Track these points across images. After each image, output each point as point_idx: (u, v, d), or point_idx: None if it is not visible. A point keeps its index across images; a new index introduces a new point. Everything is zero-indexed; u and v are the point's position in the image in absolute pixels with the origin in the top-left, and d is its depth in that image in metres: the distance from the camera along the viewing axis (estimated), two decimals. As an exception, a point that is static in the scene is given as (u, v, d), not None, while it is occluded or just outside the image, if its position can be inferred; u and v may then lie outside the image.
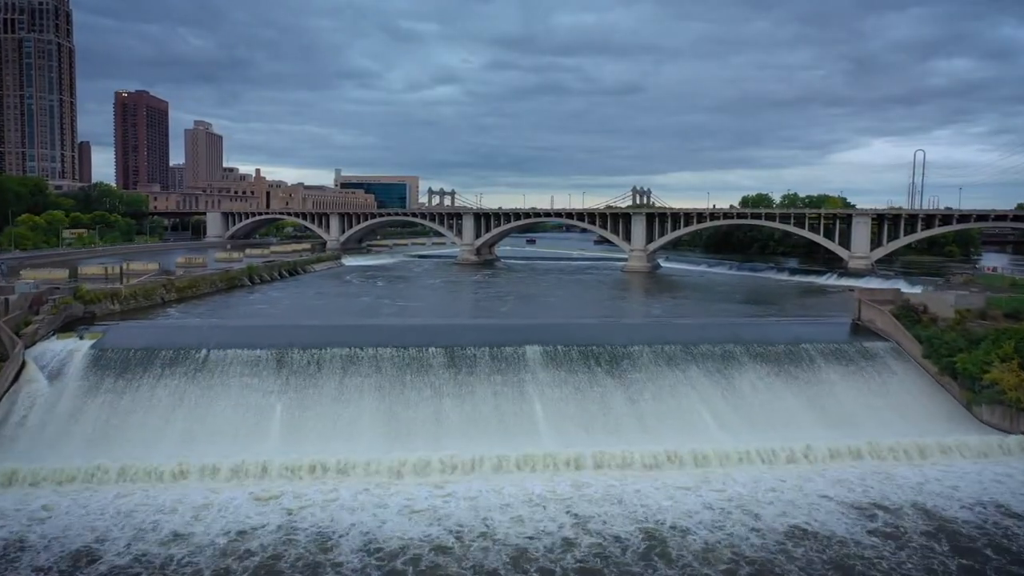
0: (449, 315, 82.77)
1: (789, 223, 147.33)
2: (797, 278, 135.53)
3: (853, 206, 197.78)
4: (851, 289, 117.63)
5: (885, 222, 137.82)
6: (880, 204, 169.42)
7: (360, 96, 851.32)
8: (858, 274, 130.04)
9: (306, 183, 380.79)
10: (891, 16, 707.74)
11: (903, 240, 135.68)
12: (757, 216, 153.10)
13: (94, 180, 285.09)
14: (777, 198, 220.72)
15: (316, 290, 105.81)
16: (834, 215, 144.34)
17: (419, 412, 56.48)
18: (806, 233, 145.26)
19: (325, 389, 58.12)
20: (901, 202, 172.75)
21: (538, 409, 58.07)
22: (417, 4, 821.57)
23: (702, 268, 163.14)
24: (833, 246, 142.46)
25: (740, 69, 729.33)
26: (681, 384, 62.59)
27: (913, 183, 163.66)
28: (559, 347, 65.76)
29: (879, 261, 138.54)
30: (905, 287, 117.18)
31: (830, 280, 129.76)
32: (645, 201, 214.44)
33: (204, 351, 60.50)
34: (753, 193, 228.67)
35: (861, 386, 63.65)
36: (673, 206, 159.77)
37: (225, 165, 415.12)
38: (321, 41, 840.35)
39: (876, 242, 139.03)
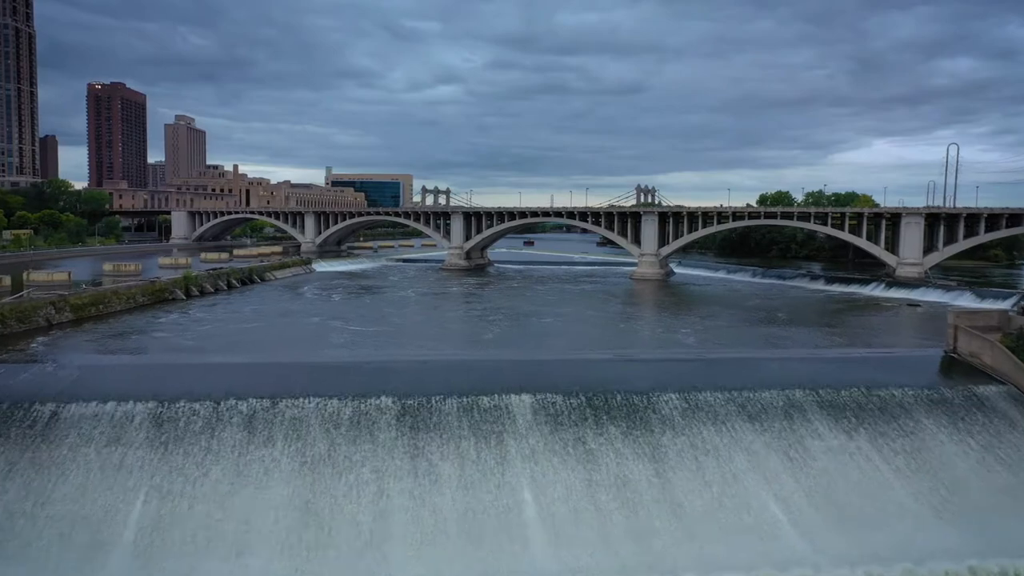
0: (415, 343, 63.38)
1: (825, 224, 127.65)
2: (836, 288, 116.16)
3: (877, 205, 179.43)
4: (913, 304, 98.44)
5: (940, 223, 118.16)
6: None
7: (361, 96, 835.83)
8: (910, 283, 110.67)
9: (308, 183, 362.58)
10: (895, 15, 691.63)
11: (963, 244, 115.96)
12: (788, 216, 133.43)
13: (61, 177, 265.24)
14: (799, 197, 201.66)
15: (261, 306, 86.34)
16: (879, 215, 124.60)
17: (350, 506, 37.88)
18: (845, 235, 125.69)
19: (216, 465, 39.43)
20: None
21: (528, 499, 39.53)
22: (418, 3, 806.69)
23: (721, 275, 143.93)
24: (877, 250, 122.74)
25: (743, 69, 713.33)
26: (732, 452, 44.11)
27: (946, 181, 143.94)
28: (558, 396, 47.59)
29: (932, 268, 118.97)
30: (973, 301, 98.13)
31: (878, 291, 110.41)
32: (650, 200, 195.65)
33: (51, 406, 41.85)
34: (758, 192, 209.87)
35: (982, 453, 44.82)
36: (689, 205, 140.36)
37: (209, 162, 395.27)
38: (322, 40, 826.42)
39: (928, 246, 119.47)
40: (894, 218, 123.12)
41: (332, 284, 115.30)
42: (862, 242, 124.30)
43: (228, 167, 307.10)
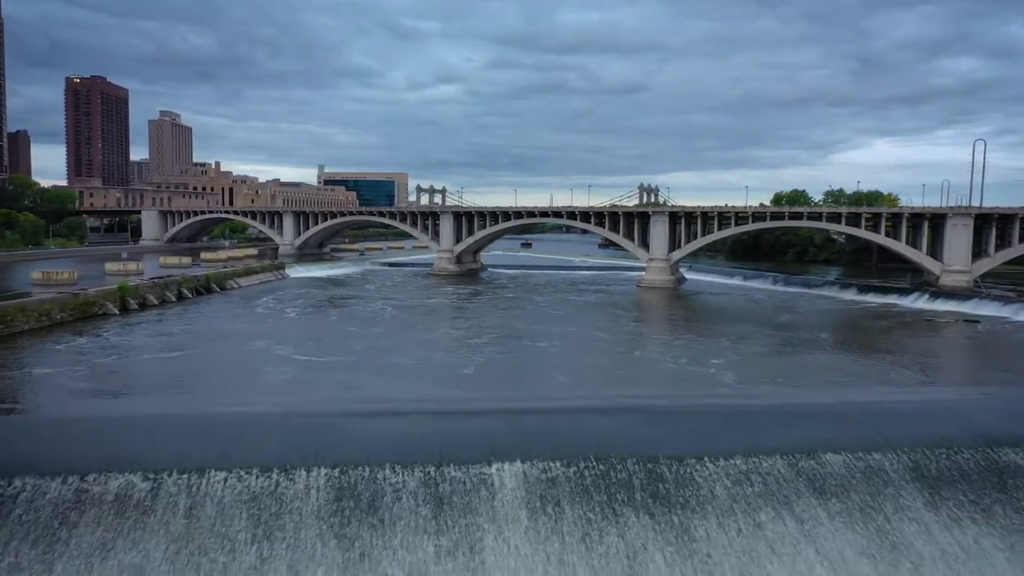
0: (371, 381, 49.40)
1: (857, 225, 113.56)
2: (872, 298, 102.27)
3: (897, 205, 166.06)
4: (971, 320, 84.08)
5: (992, 225, 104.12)
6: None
7: (361, 95, 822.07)
8: (957, 294, 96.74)
9: (297, 182, 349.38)
10: (898, 14, 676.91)
11: (1020, 248, 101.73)
12: (815, 216, 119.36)
13: (35, 176, 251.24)
14: (817, 196, 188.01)
15: (202, 324, 72.29)
16: (919, 215, 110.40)
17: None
18: (881, 239, 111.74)
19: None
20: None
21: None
22: (418, 1, 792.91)
23: (737, 281, 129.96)
24: (919, 256, 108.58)
25: (744, 68, 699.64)
26: (799, 548, 31.79)
27: (972, 180, 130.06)
28: (557, 465, 34.06)
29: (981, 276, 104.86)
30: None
31: (922, 302, 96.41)
32: (653, 200, 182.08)
33: None
34: (757, 192, 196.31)
35: None
36: (705, 204, 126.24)
37: (207, 161, 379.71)
38: (321, 39, 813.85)
39: (977, 251, 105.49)
40: (935, 219, 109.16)
41: (300, 294, 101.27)
42: (901, 246, 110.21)
43: (223, 166, 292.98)
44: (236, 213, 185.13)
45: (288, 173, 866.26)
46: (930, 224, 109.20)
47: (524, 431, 39.23)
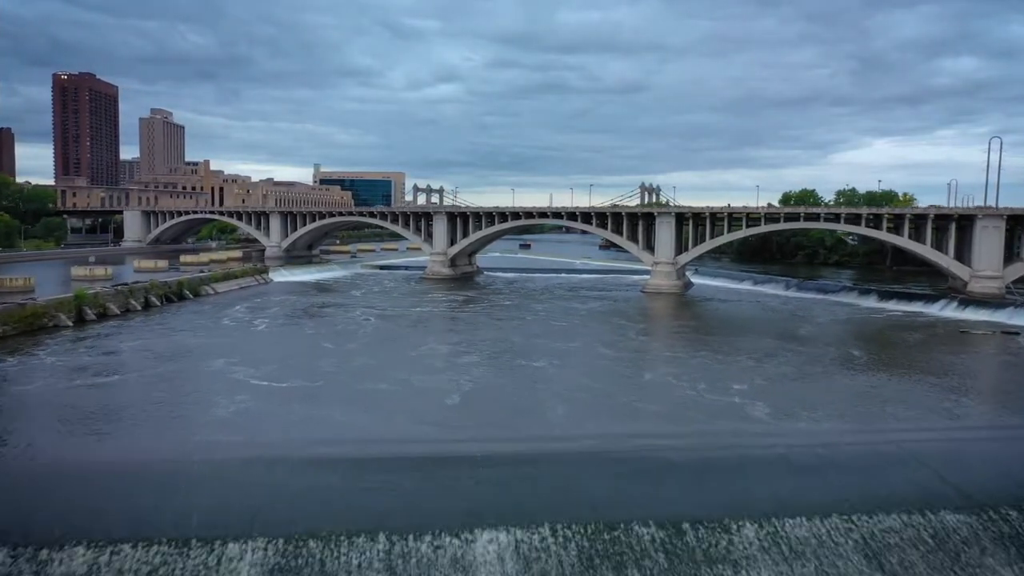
0: (336, 415, 41.89)
1: (879, 227, 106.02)
2: (895, 306, 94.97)
3: (913, 204, 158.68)
4: (1009, 332, 76.72)
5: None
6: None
7: (361, 94, 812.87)
8: (987, 301, 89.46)
9: (291, 181, 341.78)
10: (899, 14, 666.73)
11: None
12: (832, 217, 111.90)
13: (19, 175, 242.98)
14: (825, 196, 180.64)
15: (160, 338, 64.74)
16: (946, 216, 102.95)
17: None
18: (904, 241, 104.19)
19: None
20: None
21: None
22: (418, 1, 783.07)
23: (747, 286, 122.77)
24: (946, 260, 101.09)
25: (744, 68, 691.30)
26: None
27: (987, 180, 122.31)
28: (559, 532, 28.34)
29: (1013, 282, 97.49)
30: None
31: (950, 311, 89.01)
32: (654, 199, 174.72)
33: None
34: (756, 192, 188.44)
35: None
36: (712, 204, 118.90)
37: (204, 160, 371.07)
38: (321, 38, 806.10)
39: (1009, 255, 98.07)
40: (962, 220, 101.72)
41: (280, 301, 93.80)
42: (927, 250, 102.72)
43: (215, 165, 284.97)
44: (221, 213, 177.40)
45: (288, 173, 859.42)
46: (957, 226, 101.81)
47: (512, 484, 32.12)
